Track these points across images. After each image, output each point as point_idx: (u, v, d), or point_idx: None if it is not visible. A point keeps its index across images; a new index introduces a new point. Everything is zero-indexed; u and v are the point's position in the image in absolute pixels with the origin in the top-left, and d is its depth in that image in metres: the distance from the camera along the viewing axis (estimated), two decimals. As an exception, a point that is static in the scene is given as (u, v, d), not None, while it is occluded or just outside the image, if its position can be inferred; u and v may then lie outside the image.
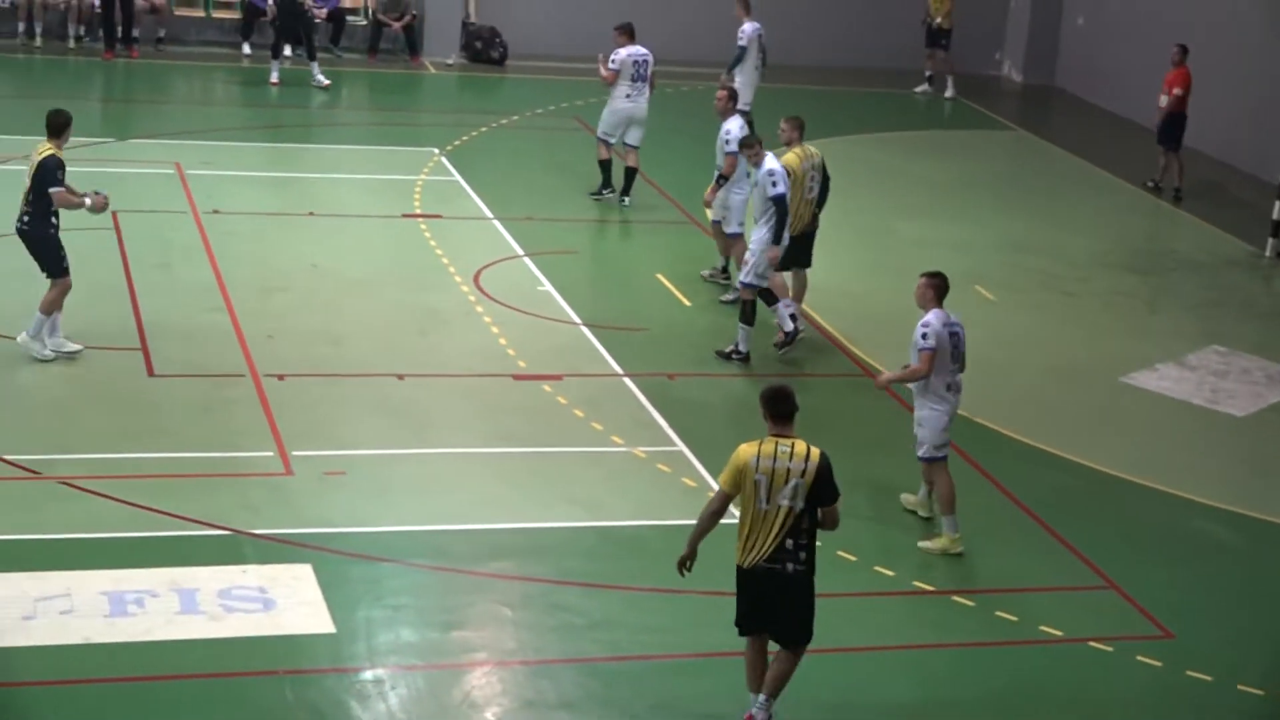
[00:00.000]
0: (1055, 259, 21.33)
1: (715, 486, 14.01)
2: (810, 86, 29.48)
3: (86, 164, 21.24)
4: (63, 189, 15.17)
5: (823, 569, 10.76)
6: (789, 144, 17.55)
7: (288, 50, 27.43)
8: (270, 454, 14.11)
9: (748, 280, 16.85)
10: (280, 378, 15.62)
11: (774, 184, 16.61)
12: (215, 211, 19.97)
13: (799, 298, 17.92)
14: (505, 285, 18.51)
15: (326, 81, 26.28)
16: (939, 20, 29.17)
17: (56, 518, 12.81)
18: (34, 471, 13.43)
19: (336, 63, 28.29)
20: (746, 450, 10.42)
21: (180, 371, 15.62)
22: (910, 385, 13.78)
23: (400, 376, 15.93)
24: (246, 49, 27.95)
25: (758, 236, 16.78)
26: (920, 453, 13.58)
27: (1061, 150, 26.85)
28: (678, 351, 17.22)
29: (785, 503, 10.30)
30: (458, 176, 22.27)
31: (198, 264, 18.30)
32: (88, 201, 15.52)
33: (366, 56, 28.77)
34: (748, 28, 23.05)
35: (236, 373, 15.66)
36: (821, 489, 10.36)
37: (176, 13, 28.09)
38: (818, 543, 10.58)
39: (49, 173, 15.09)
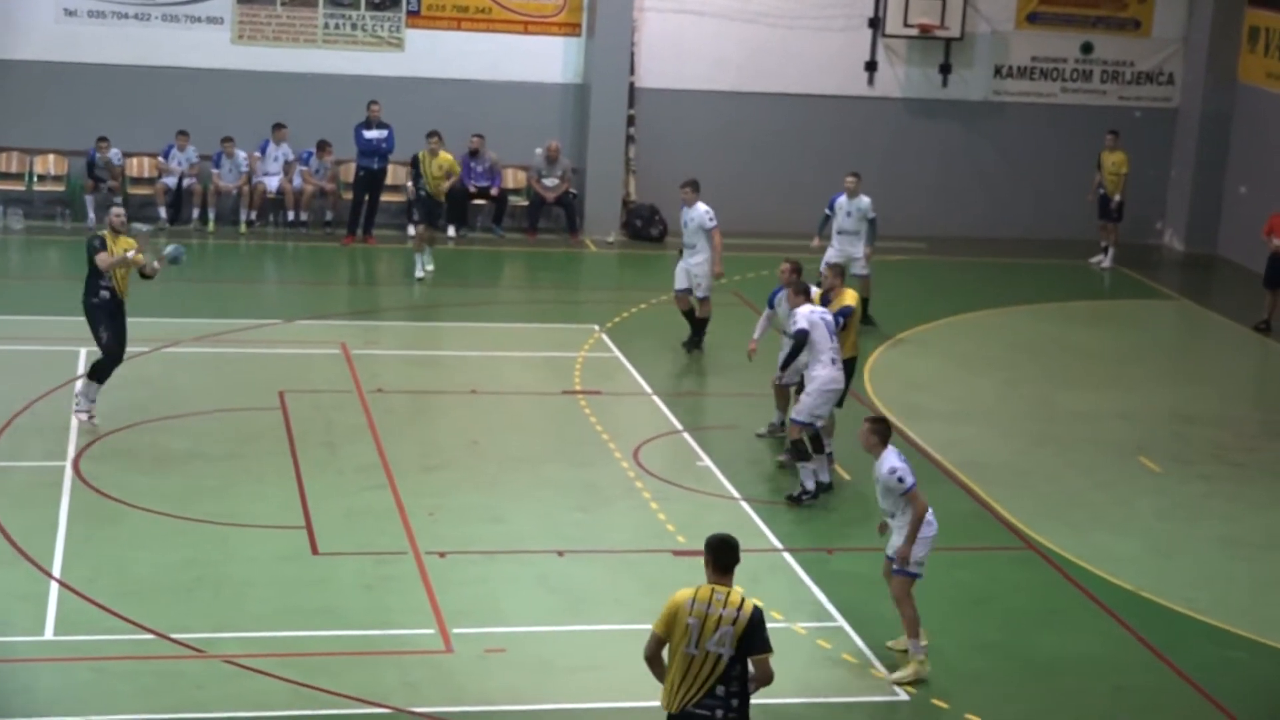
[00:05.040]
0: (1222, 428, 20.99)
1: (877, 663, 13.97)
2: (966, 258, 29.46)
3: (254, 346, 21.77)
4: None
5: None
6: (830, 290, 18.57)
7: (452, 230, 28.31)
8: (431, 631, 14.18)
9: (800, 419, 17.51)
10: (441, 555, 15.73)
11: (794, 322, 17.62)
12: (379, 390, 20.27)
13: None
14: (665, 461, 18.56)
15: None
16: (1117, 197, 29.08)
17: (220, 696, 12.94)
18: (199, 650, 13.59)
19: (498, 242, 28.76)
20: (682, 595, 10.62)
21: (343, 549, 15.79)
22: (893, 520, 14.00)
23: (560, 553, 15.98)
24: (411, 230, 28.46)
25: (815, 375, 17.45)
26: (916, 571, 13.80)
27: (1225, 319, 26.52)
28: (836, 526, 17.13)
29: (714, 649, 10.41)
30: (618, 353, 22.44)
31: (362, 442, 18.56)
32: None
33: (527, 235, 29.21)
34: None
35: (398, 550, 15.80)
36: (751, 638, 10.44)
37: (345, 196, 28.69)
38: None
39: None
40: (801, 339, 17.40)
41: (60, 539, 15.58)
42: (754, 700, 13.19)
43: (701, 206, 22.27)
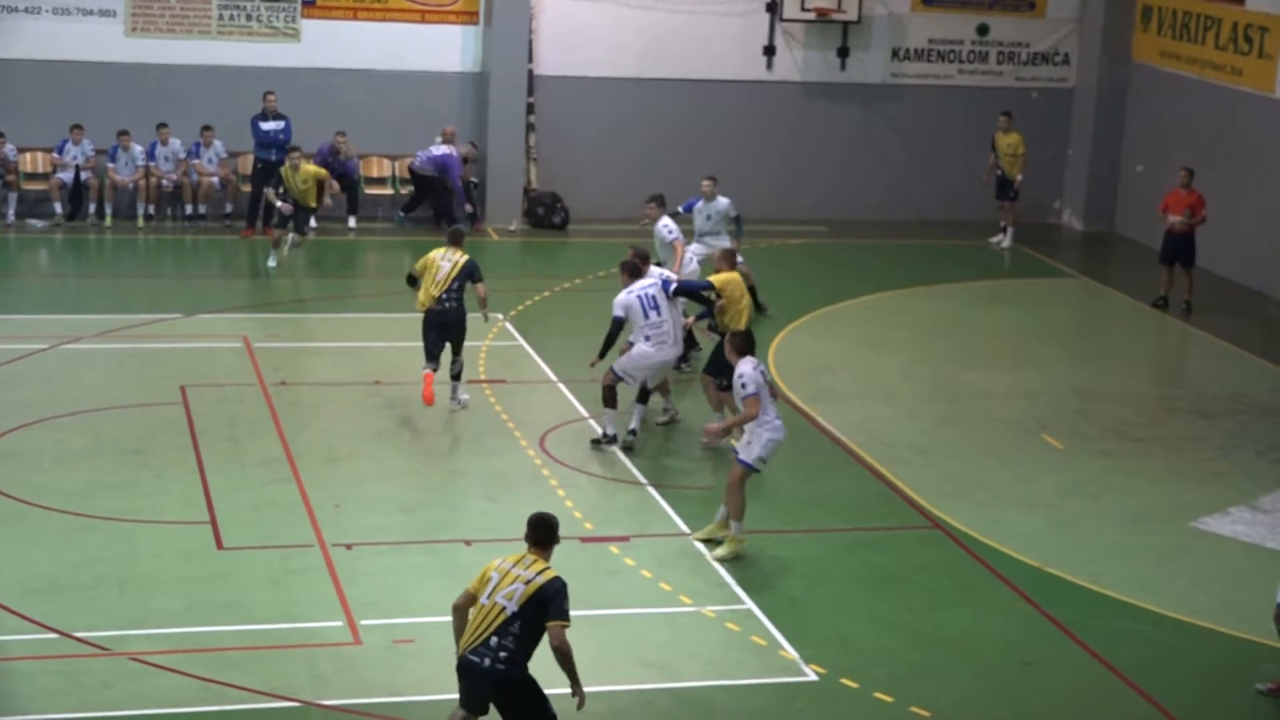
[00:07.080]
0: (1124, 405, 21.21)
1: (786, 644, 14.03)
2: (866, 240, 29.58)
3: (154, 340, 21.56)
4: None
5: None
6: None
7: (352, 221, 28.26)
8: (339, 624, 14.10)
9: (616, 370, 18.53)
10: (348, 547, 15.65)
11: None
12: (282, 383, 20.13)
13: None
14: (571, 448, 18.54)
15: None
16: (1016, 175, 29.30)
17: (127, 695, 12.81)
18: (103, 648, 13.45)
19: (400, 231, 28.54)
20: (499, 557, 11.35)
21: (249, 544, 15.67)
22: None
23: (468, 542, 15.93)
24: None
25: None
26: (748, 458, 15.44)
27: (1124, 296, 26.78)
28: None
29: (501, 601, 11.04)
30: (522, 341, 22.40)
31: (265, 436, 18.42)
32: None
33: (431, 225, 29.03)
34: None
35: (305, 543, 15.70)
36: (542, 602, 11.00)
37: (244, 189, 28.42)
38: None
39: None
40: (618, 324, 18.46)
41: (-41, 540, 15.39)
42: (662, 686, 13.30)
43: (664, 220, 22.26)
